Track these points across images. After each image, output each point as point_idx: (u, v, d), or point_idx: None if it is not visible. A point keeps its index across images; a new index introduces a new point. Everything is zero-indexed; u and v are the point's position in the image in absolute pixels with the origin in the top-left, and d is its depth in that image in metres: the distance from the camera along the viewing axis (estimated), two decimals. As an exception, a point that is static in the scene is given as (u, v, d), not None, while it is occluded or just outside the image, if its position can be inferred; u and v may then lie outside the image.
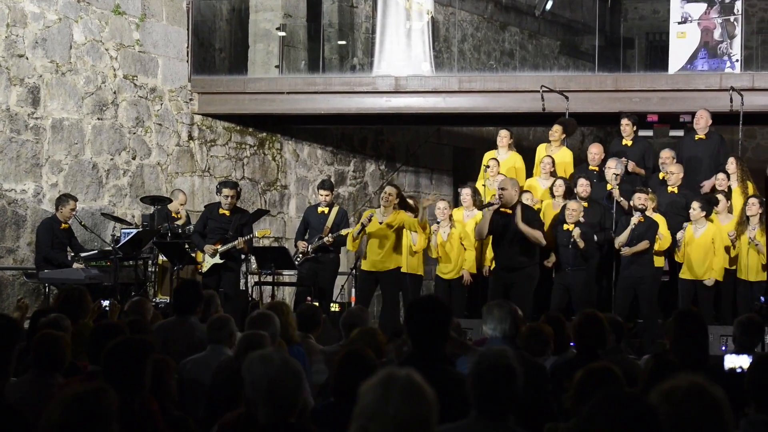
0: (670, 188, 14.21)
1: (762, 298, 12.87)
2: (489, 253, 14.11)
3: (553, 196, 14.42)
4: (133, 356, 5.25)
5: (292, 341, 7.80)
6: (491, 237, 13.29)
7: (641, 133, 15.80)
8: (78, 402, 4.13)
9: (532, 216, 13.19)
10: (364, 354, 5.99)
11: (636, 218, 13.37)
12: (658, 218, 13.71)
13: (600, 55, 17.51)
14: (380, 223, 13.79)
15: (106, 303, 9.82)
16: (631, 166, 14.71)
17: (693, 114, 15.01)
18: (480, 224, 13.20)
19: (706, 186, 14.44)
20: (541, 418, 5.98)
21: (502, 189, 13.02)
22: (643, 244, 13.38)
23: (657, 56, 18.47)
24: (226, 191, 14.35)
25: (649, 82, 16.15)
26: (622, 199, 13.96)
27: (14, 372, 6.61)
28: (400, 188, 14.69)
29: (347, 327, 8.43)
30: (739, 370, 6.97)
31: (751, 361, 6.28)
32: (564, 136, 15.27)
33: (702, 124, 14.77)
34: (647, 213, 13.57)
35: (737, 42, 15.81)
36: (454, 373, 5.81)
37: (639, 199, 13.49)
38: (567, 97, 15.54)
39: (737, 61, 15.80)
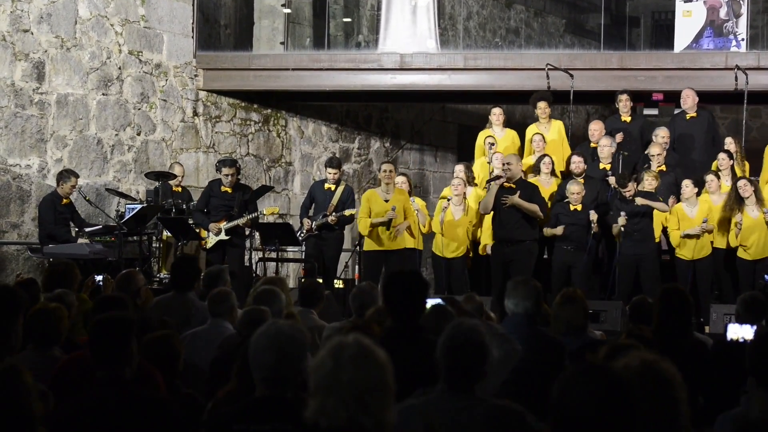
0: (657, 167, 14.21)
1: (766, 277, 12.87)
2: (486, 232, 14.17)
3: (538, 173, 14.36)
4: (116, 332, 5.26)
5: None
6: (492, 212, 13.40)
7: (646, 111, 15.80)
8: None
9: (532, 191, 13.29)
10: (369, 329, 5.99)
11: (622, 221, 13.37)
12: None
13: (605, 33, 17.46)
14: (386, 201, 13.85)
15: (99, 278, 9.80)
16: (619, 137, 14.71)
17: (698, 93, 15.02)
18: (486, 198, 13.28)
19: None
20: None
21: (508, 164, 13.14)
22: (661, 206, 13.37)
23: (662, 35, 18.45)
24: (225, 170, 14.36)
25: (654, 61, 16.13)
26: (618, 188, 13.96)
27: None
28: (397, 165, 14.73)
29: (357, 304, 8.43)
30: (741, 341, 7.01)
31: (754, 334, 6.30)
32: (550, 110, 15.29)
33: (689, 103, 14.81)
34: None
35: (743, 21, 15.78)
36: (435, 342, 5.85)
37: (650, 183, 13.46)
38: (572, 75, 15.51)
39: (743, 40, 15.77)
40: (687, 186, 13.66)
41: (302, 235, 14.55)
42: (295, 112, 18.83)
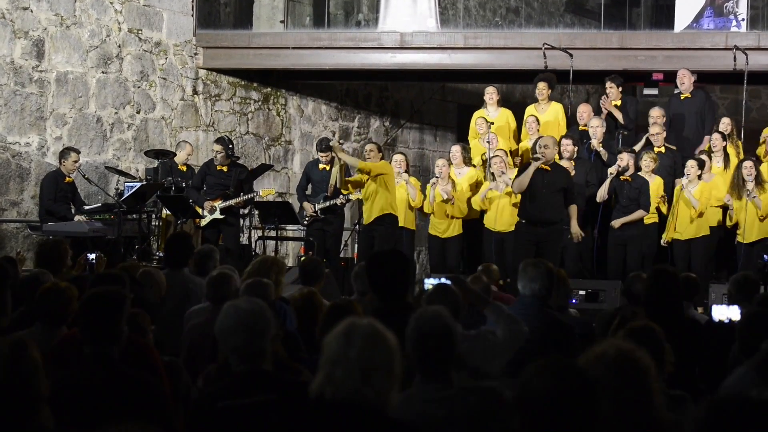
0: (657, 149, 14.24)
1: (765, 257, 12.88)
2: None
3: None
4: (106, 308, 5.28)
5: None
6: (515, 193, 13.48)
7: (646, 91, 15.81)
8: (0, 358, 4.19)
9: (565, 175, 13.27)
10: (350, 306, 6.01)
11: (613, 168, 13.45)
12: (657, 180, 13.75)
13: (605, 12, 17.38)
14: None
15: (92, 256, 9.79)
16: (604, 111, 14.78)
17: (697, 73, 15.05)
18: (521, 178, 13.14)
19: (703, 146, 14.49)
20: None
21: (545, 147, 13.11)
22: (638, 214, 13.46)
23: (663, 14, 18.34)
24: (214, 146, 14.48)
25: (654, 41, 16.10)
26: (601, 149, 14.05)
27: (20, 326, 6.68)
28: (379, 144, 14.86)
29: (359, 282, 8.44)
30: (727, 321, 7.06)
31: (741, 315, 6.35)
32: (550, 91, 15.33)
33: (686, 83, 14.84)
34: (644, 174, 13.62)
35: (743, 1, 15.73)
36: None
37: (621, 160, 13.54)
38: (572, 55, 15.50)
39: (743, 20, 15.74)
40: (693, 166, 13.64)
41: (306, 219, 14.57)
42: (294, 90, 18.81)
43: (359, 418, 3.74)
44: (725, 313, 7.26)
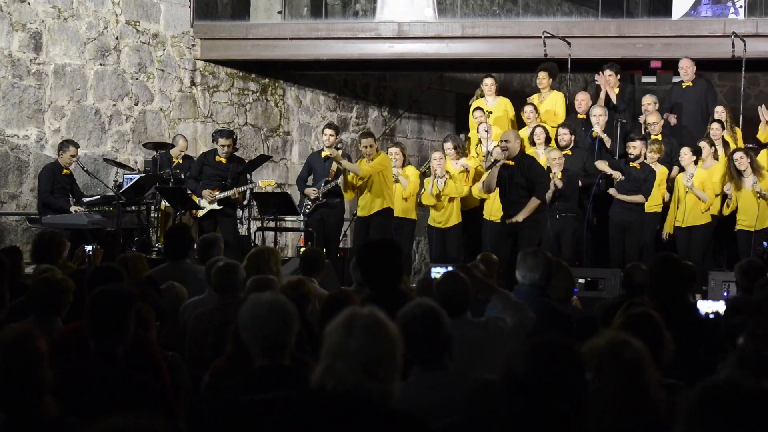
0: (654, 136, 14.26)
1: (765, 243, 12.91)
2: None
3: (534, 144, 14.41)
4: (114, 307, 5.27)
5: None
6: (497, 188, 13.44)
7: (645, 79, 15.80)
8: (6, 347, 4.21)
9: (530, 165, 13.17)
10: (348, 297, 6.02)
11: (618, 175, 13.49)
12: (662, 171, 13.76)
13: (603, 1, 17.38)
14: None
15: (89, 248, 9.78)
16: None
17: (695, 61, 15.04)
18: (488, 180, 13.20)
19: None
20: None
21: (506, 142, 13.08)
22: (638, 198, 13.45)
23: (661, 2, 18.32)
24: (222, 140, 14.44)
25: (652, 28, 16.09)
26: (605, 136, 14.07)
27: (15, 317, 6.68)
28: (375, 135, 14.85)
29: (357, 272, 8.44)
30: (712, 316, 7.08)
31: (725, 307, 6.38)
32: (551, 80, 15.33)
33: (689, 72, 14.84)
34: (649, 163, 13.63)
35: (741, -12, 15.76)
36: None
37: (635, 148, 13.52)
38: (570, 43, 15.48)
39: (741, 7, 15.75)
40: (685, 153, 13.69)
41: (309, 206, 14.55)
42: (292, 81, 18.80)
43: (361, 411, 3.69)
44: (712, 307, 7.29)
